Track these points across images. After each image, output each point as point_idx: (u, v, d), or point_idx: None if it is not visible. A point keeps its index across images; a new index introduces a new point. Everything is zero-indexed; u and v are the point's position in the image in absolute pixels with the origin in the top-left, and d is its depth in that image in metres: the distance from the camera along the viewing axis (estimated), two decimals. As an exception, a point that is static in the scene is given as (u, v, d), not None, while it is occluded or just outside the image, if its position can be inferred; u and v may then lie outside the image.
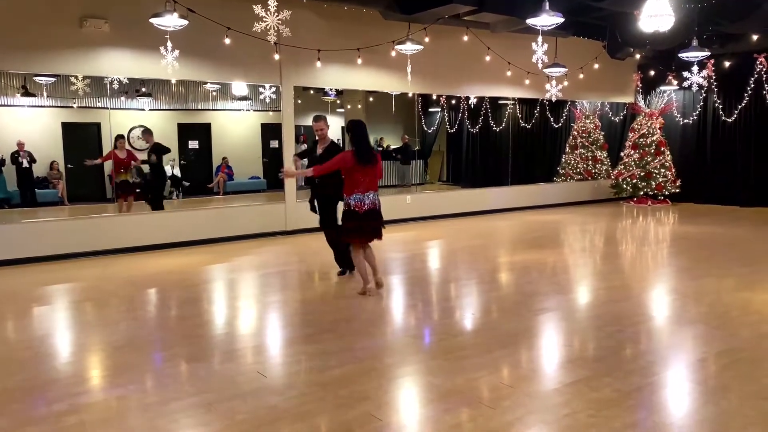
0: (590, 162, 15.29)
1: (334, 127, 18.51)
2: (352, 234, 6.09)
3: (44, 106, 12.81)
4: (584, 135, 15.32)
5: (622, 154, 14.84)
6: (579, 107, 15.38)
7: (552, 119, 15.69)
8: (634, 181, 14.23)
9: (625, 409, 3.47)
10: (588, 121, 15.33)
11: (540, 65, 8.85)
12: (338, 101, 17.57)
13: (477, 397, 3.66)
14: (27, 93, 12.58)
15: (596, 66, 13.33)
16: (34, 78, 11.68)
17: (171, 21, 7.25)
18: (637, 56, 14.57)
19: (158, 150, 10.55)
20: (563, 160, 15.64)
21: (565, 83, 12.62)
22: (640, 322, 5.25)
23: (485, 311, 5.73)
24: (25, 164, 12.28)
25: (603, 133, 15.51)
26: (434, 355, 4.45)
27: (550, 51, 8.99)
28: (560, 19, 7.69)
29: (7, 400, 3.72)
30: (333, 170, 6.08)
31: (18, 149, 12.21)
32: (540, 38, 7.90)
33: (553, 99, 12.31)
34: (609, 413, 3.41)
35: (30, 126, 12.90)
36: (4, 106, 12.74)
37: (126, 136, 13.49)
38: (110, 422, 3.41)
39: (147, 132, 10.86)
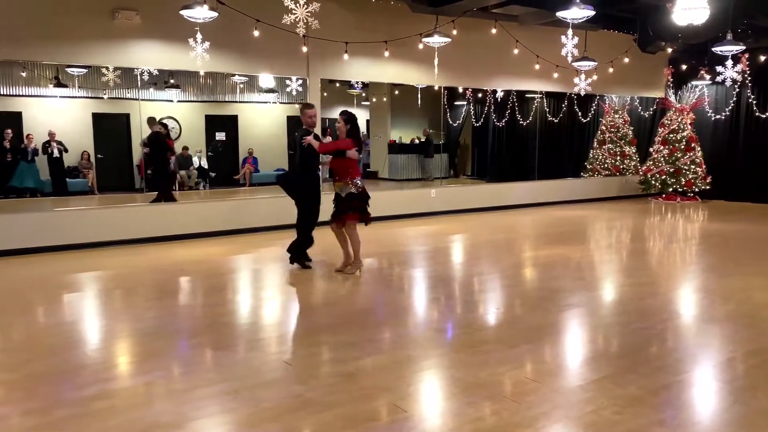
0: (618, 157, 15.08)
1: (359, 120, 18.61)
2: (361, 213, 6.67)
3: (75, 97, 13.04)
4: (613, 130, 15.10)
5: (651, 149, 14.60)
6: (608, 102, 15.16)
7: (580, 113, 15.49)
8: (663, 177, 13.99)
9: (651, 407, 3.43)
10: (617, 116, 15.11)
11: (569, 59, 8.73)
12: (363, 94, 17.59)
13: (501, 391, 3.65)
14: (59, 84, 12.82)
15: (626, 60, 13.13)
16: (66, 69, 11.88)
17: (201, 13, 7.30)
18: (669, 50, 14.29)
19: (152, 142, 10.35)
20: (591, 155, 15.44)
21: (594, 77, 12.45)
22: (668, 320, 5.18)
23: (509, 306, 5.70)
24: (56, 154, 12.52)
25: (632, 128, 15.27)
26: (457, 349, 4.44)
27: (579, 44, 8.87)
28: (591, 12, 7.57)
29: (39, 383, 3.81)
30: (334, 150, 6.60)
31: (49, 139, 12.46)
32: (570, 31, 7.80)
33: (582, 93, 12.15)
34: (635, 410, 3.37)
35: (61, 116, 13.14)
36: (37, 96, 13.00)
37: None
38: (138, 407, 3.47)
39: (151, 120, 10.77)
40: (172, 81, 13.38)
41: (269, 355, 4.34)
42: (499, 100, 15.74)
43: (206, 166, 14.35)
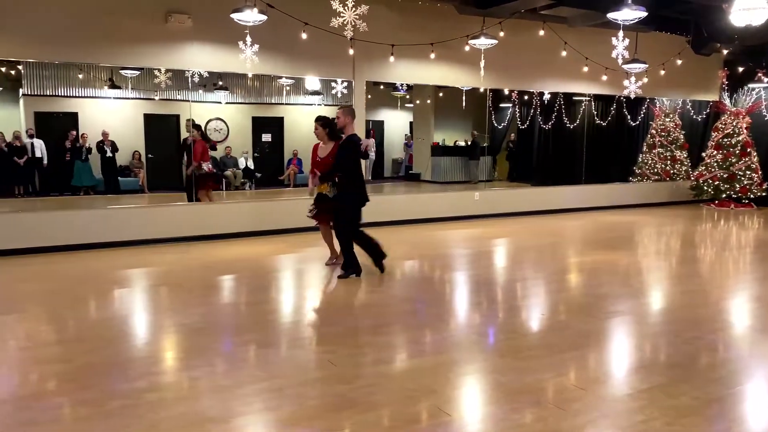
0: (669, 162, 14.67)
1: (403, 122, 18.65)
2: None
3: (128, 98, 13.45)
4: (663, 134, 14.70)
5: (703, 154, 14.15)
6: (658, 105, 14.78)
7: (629, 117, 15.15)
8: (716, 182, 13.54)
9: (705, 419, 3.33)
10: (668, 120, 14.71)
11: (620, 61, 8.54)
12: (407, 96, 17.60)
13: (546, 398, 3.59)
14: (113, 85, 13.25)
15: (678, 62, 12.77)
16: (120, 71, 12.26)
17: (251, 16, 7.43)
18: (724, 52, 13.82)
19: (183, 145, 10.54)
20: (640, 159, 15.07)
21: (645, 80, 12.14)
22: (720, 329, 5.02)
23: (554, 311, 5.61)
24: (109, 153, 12.94)
25: (683, 132, 14.84)
26: (502, 353, 4.40)
27: (630, 46, 8.67)
28: (643, 13, 7.41)
29: (94, 374, 3.94)
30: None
31: (103, 139, 12.89)
32: (621, 33, 7.64)
33: (632, 96, 11.87)
34: (687, 422, 3.27)
35: (114, 117, 13.57)
36: (92, 97, 13.47)
37: (203, 128, 14.01)
38: (186, 401, 3.55)
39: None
40: (220, 83, 13.66)
41: (313, 354, 4.39)
42: (545, 102, 15.52)
43: (252, 167, 14.59)
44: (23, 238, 8.08)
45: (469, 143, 17.04)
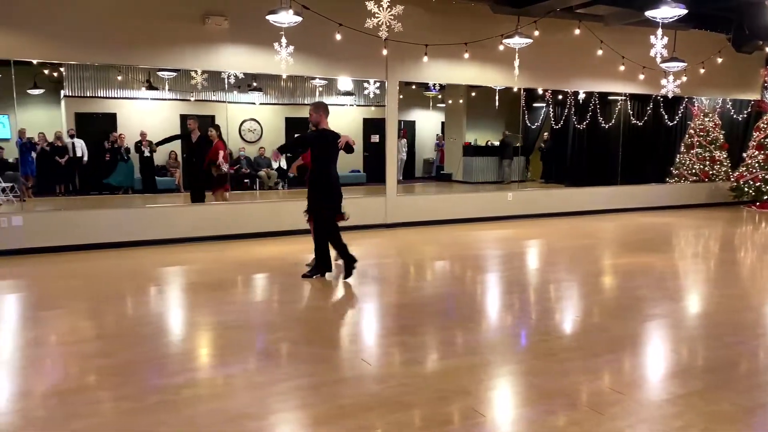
0: (707, 162, 14.34)
1: (434, 123, 18.62)
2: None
3: (165, 99, 13.70)
4: (702, 134, 14.37)
5: (744, 155, 13.80)
6: (697, 104, 14.45)
7: (666, 116, 14.85)
8: (758, 184, 13.19)
9: (746, 426, 3.25)
10: (707, 119, 14.38)
11: (658, 59, 8.38)
12: (439, 96, 17.55)
13: (582, 401, 3.55)
14: (151, 86, 13.51)
15: (718, 60, 12.47)
16: (157, 72, 12.49)
17: (286, 18, 7.51)
18: (767, 50, 13.46)
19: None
20: (677, 159, 14.76)
21: (684, 78, 11.90)
22: (762, 335, 4.89)
23: (589, 314, 5.54)
24: (147, 153, 13.20)
25: (723, 132, 14.49)
26: (536, 355, 4.36)
27: (668, 44, 8.50)
28: (683, 11, 7.25)
29: (133, 370, 4.03)
30: None
31: (141, 139, 13.16)
32: (660, 31, 7.49)
33: (670, 95, 11.64)
34: (727, 429, 3.20)
35: (152, 117, 13.83)
36: (130, 98, 13.76)
37: (238, 129, 14.21)
38: (223, 398, 3.61)
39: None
40: (254, 84, 13.82)
41: (347, 353, 4.42)
42: (580, 101, 15.31)
43: (285, 167, 14.72)
44: (64, 235, 8.31)
45: (500, 142, 16.91)
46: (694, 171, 14.43)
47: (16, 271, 7.30)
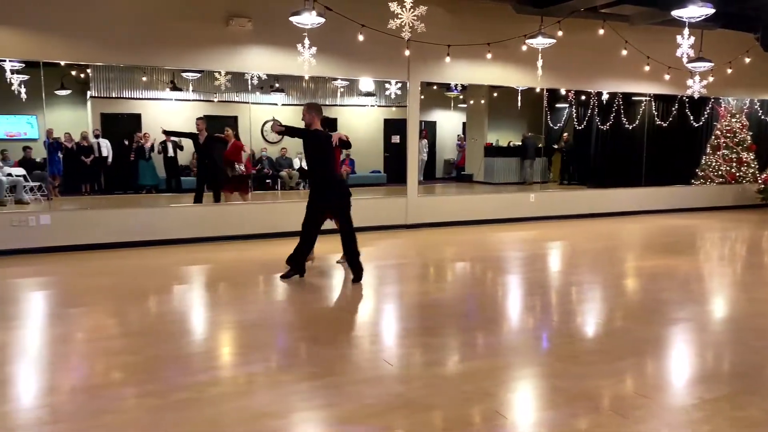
0: (734, 164, 14.10)
1: (455, 123, 18.57)
2: None
3: (189, 100, 13.84)
4: (729, 135, 14.15)
5: (772, 156, 13.57)
6: (724, 104, 14.22)
7: (692, 117, 14.63)
8: (787, 186, 12.95)
9: (775, 432, 3.20)
10: (734, 120, 14.14)
11: (684, 60, 8.27)
12: (461, 97, 17.50)
13: (606, 404, 3.52)
14: (174, 87, 13.66)
15: (746, 60, 12.26)
16: (181, 74, 12.63)
17: (309, 19, 7.55)
18: (797, 49, 13.20)
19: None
20: (703, 161, 14.53)
21: (710, 79, 11.72)
22: (792, 340, 4.80)
23: (612, 317, 5.48)
24: (171, 153, 13.35)
25: (751, 133, 14.24)
26: (559, 358, 4.33)
27: (694, 44, 8.39)
28: (710, 10, 7.15)
29: (159, 367, 4.09)
30: None
31: (165, 139, 13.30)
32: (686, 31, 7.39)
33: (696, 96, 11.47)
34: (756, 435, 3.16)
35: (175, 118, 13.97)
36: (155, 99, 13.93)
37: (260, 130, 14.31)
38: (248, 395, 3.65)
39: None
40: (277, 85, 13.91)
41: (369, 353, 4.42)
42: (603, 102, 15.16)
43: (307, 168, 14.77)
44: (91, 234, 8.45)
45: (520, 144, 16.80)
46: (720, 172, 14.21)
47: (44, 268, 7.44)
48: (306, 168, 6.99)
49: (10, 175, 10.86)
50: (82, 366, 4.18)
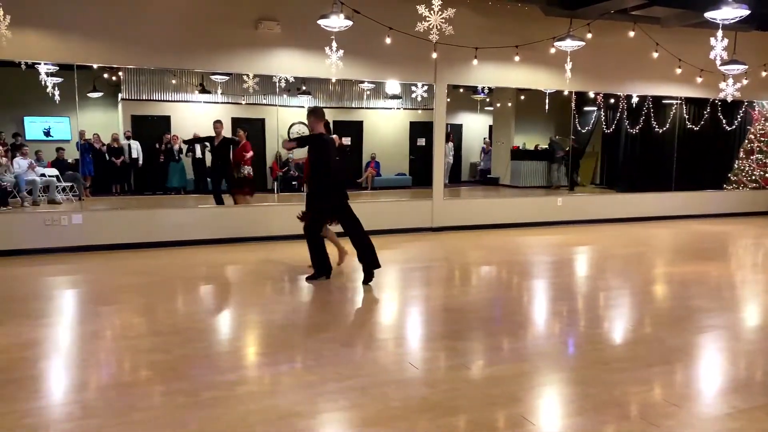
0: (768, 169, 13.79)
1: (481, 126, 18.46)
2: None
3: (217, 102, 13.99)
4: (763, 139, 13.84)
5: (808, 161, 13.23)
6: (757, 108, 13.91)
7: (724, 121, 14.34)
8: (822, 192, 12.61)
9: (812, 444, 3.12)
10: (768, 124, 13.84)
11: (718, 62, 8.10)
12: (487, 99, 17.40)
13: (637, 412, 3.47)
14: (203, 90, 13.82)
15: (782, 62, 11.99)
16: (210, 76, 12.78)
17: (337, 22, 7.58)
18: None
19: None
20: (736, 165, 14.24)
21: (744, 81, 11.47)
22: (830, 350, 4.67)
23: (642, 324, 5.40)
24: (198, 154, 13.51)
25: (786, 137, 13.92)
26: (587, 364, 4.27)
27: (728, 46, 8.21)
28: (745, 12, 6.99)
29: (188, 365, 4.14)
30: None
31: (188, 140, 13.47)
32: (720, 33, 7.25)
33: (729, 99, 11.23)
34: (792, 446, 3.08)
35: (204, 120, 14.12)
36: (184, 101, 14.11)
37: (287, 132, 14.40)
38: (275, 395, 3.67)
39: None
40: (304, 88, 13.99)
41: (395, 356, 4.42)
42: (634, 105, 14.94)
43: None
44: (122, 233, 8.60)
45: (547, 147, 16.64)
46: (753, 177, 13.90)
47: (76, 267, 7.59)
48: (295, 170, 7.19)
49: (43, 175, 11.09)
50: (112, 363, 4.25)
